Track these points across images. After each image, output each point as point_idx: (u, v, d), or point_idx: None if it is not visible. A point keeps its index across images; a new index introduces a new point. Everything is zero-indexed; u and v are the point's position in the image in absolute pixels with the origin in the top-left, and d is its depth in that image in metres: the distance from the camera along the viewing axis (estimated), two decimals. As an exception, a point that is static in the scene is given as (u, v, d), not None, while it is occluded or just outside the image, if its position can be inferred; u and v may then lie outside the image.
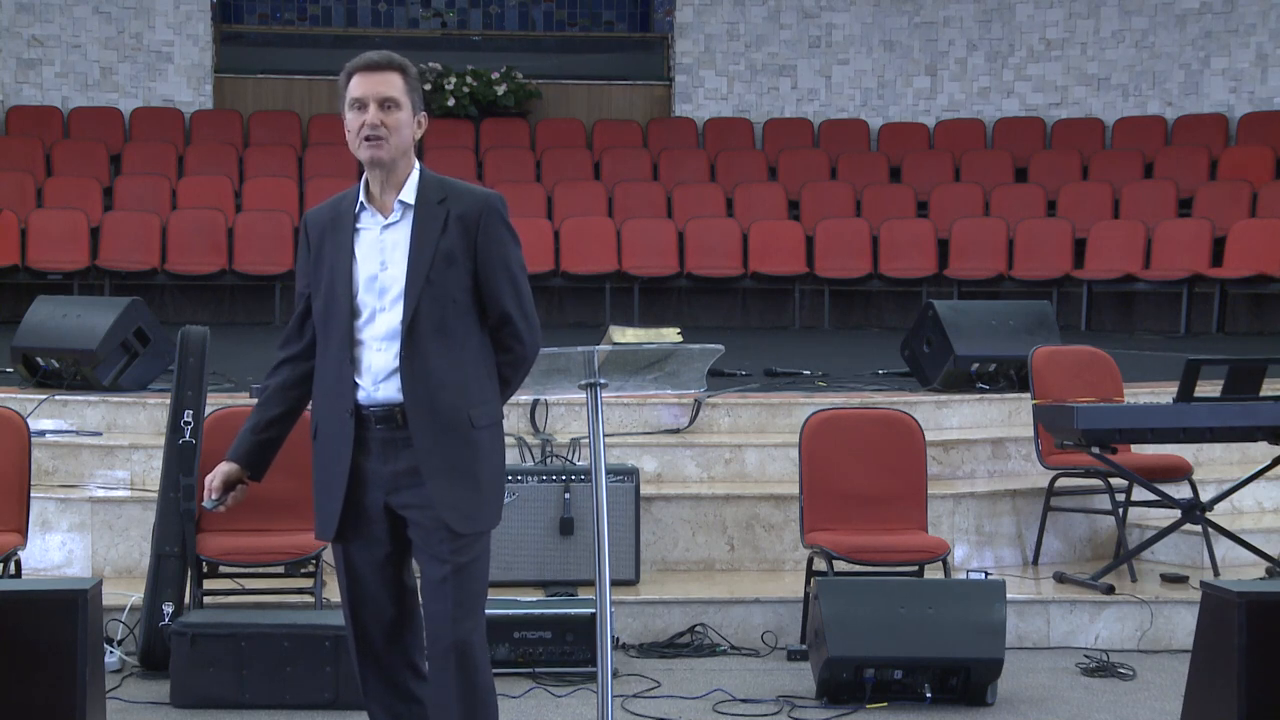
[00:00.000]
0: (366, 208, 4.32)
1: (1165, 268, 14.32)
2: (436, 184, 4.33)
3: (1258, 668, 5.00)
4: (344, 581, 4.41)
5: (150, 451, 7.66)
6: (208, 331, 6.88)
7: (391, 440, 4.24)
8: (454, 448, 4.22)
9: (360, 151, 4.29)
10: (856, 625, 6.22)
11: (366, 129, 4.27)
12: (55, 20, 16.28)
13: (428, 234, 4.24)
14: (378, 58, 4.36)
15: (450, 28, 17.49)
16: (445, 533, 4.21)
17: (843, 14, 16.89)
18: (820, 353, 11.71)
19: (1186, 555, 7.78)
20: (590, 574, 5.11)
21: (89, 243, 14.47)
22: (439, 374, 4.21)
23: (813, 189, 15.80)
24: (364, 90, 4.31)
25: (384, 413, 4.23)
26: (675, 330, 9.15)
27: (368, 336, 4.25)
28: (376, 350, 4.24)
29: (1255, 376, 7.41)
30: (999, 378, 8.92)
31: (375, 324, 4.25)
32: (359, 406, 4.24)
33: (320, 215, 4.40)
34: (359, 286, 4.26)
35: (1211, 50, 16.00)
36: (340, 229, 4.31)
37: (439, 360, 4.21)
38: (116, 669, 6.50)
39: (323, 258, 4.32)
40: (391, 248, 4.27)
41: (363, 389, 4.25)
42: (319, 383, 4.35)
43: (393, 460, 4.24)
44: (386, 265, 4.25)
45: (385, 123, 4.27)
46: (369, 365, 4.25)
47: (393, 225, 4.28)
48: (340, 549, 4.38)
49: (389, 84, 4.31)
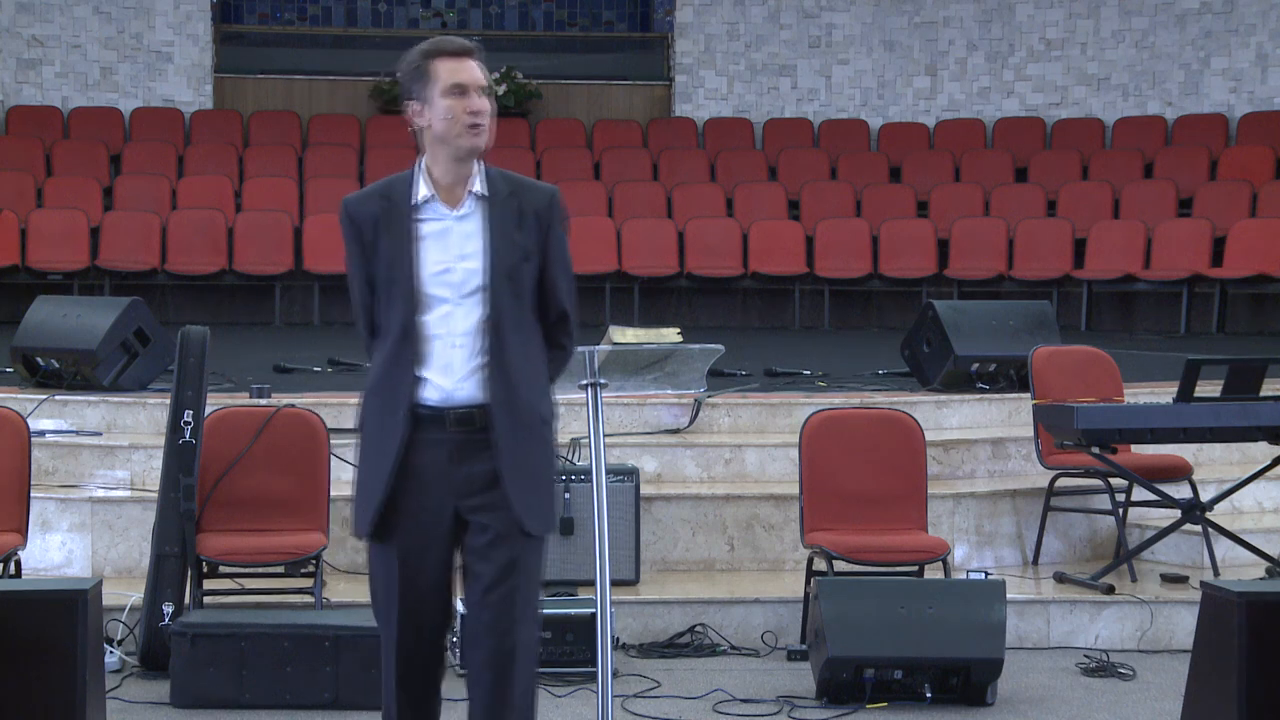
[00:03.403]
0: (434, 198, 4.15)
1: (1165, 268, 14.32)
2: (500, 176, 4.23)
3: (1258, 668, 5.00)
4: (392, 587, 4.15)
5: (150, 451, 7.65)
6: (208, 331, 6.88)
7: (469, 442, 4.09)
8: (530, 447, 4.12)
9: (462, 139, 4.12)
10: (856, 625, 6.21)
11: (471, 116, 4.11)
12: (55, 20, 16.28)
13: (505, 227, 4.14)
14: (466, 44, 4.18)
15: (450, 28, 17.49)
16: (518, 536, 4.09)
17: (843, 14, 16.89)
18: (820, 353, 11.71)
19: (1186, 555, 7.78)
20: (590, 574, 5.11)
21: (89, 243, 14.47)
22: (518, 372, 4.11)
23: (813, 189, 15.80)
24: (465, 76, 4.12)
25: (463, 414, 4.09)
26: (675, 330, 9.16)
27: (443, 332, 4.10)
28: (455, 347, 4.10)
29: (1255, 376, 7.41)
30: (999, 378, 8.92)
31: (452, 319, 4.10)
32: (422, 406, 4.08)
33: (368, 206, 4.20)
34: (427, 280, 4.09)
35: (1211, 50, 16.00)
36: (398, 219, 4.13)
37: (517, 358, 4.11)
38: (116, 669, 6.49)
39: (378, 250, 4.14)
40: (465, 240, 4.13)
41: (436, 387, 4.09)
42: (371, 377, 4.18)
43: (469, 462, 4.10)
44: (463, 258, 4.11)
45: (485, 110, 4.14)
46: (447, 363, 4.10)
47: (465, 217, 4.15)
48: (388, 551, 4.16)
49: (480, 72, 4.17)
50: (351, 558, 7.46)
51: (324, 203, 15.25)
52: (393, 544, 4.14)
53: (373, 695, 6.07)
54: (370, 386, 4.18)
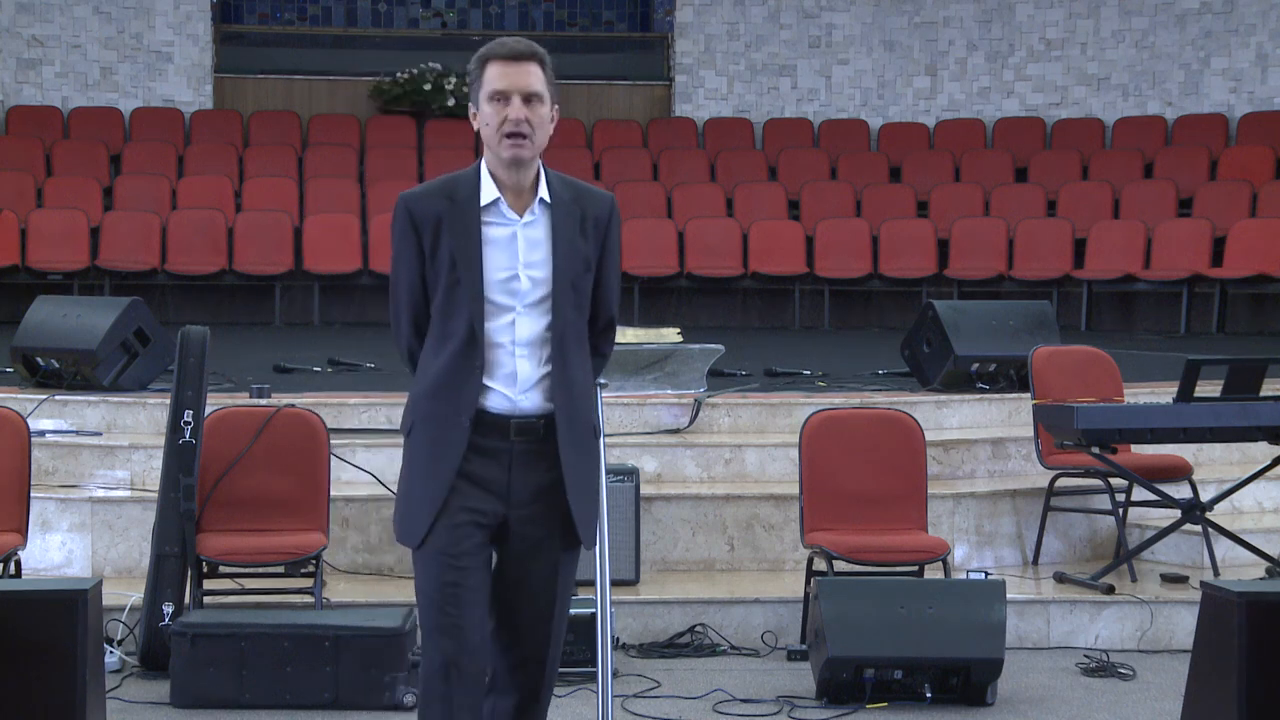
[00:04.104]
0: (500, 201, 4.04)
1: (1165, 268, 14.32)
2: (560, 181, 4.10)
3: (1258, 668, 5.00)
4: (438, 594, 4.02)
5: (150, 451, 7.65)
6: (208, 331, 6.88)
7: (530, 452, 4.03)
8: (586, 458, 4.09)
9: (502, 150, 3.99)
10: (856, 625, 6.21)
11: (510, 125, 3.96)
12: (55, 20, 16.28)
13: (569, 235, 4.04)
14: (519, 46, 4.01)
15: (450, 28, 17.50)
16: (560, 550, 4.09)
17: (843, 14, 16.89)
18: (820, 353, 11.71)
19: (1186, 555, 7.78)
20: (590, 574, 5.09)
21: (89, 243, 14.48)
22: (579, 382, 4.06)
23: (813, 189, 15.80)
24: (508, 82, 3.98)
25: (526, 424, 4.02)
26: (675, 330, 9.15)
27: (506, 340, 4.01)
28: (521, 357, 4.01)
29: (1255, 376, 7.41)
30: (999, 378, 8.92)
31: (517, 327, 4.01)
32: (487, 413, 4.00)
33: (431, 204, 4.04)
34: (493, 286, 3.99)
35: (1211, 50, 16.01)
36: (464, 220, 4.01)
37: (577, 367, 4.06)
38: (116, 669, 6.49)
39: (439, 251, 4.01)
40: (531, 247, 4.03)
41: (501, 396, 4.01)
42: (427, 381, 4.05)
43: (529, 472, 4.03)
44: (529, 266, 4.01)
45: (530, 119, 3.97)
46: (513, 372, 4.01)
47: (531, 224, 4.04)
48: (435, 558, 4.03)
49: (531, 76, 3.99)
50: (351, 558, 7.47)
51: (324, 203, 15.26)
52: (441, 543, 4.01)
53: (373, 695, 6.11)
54: (425, 390, 4.06)
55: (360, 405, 8.13)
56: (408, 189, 4.15)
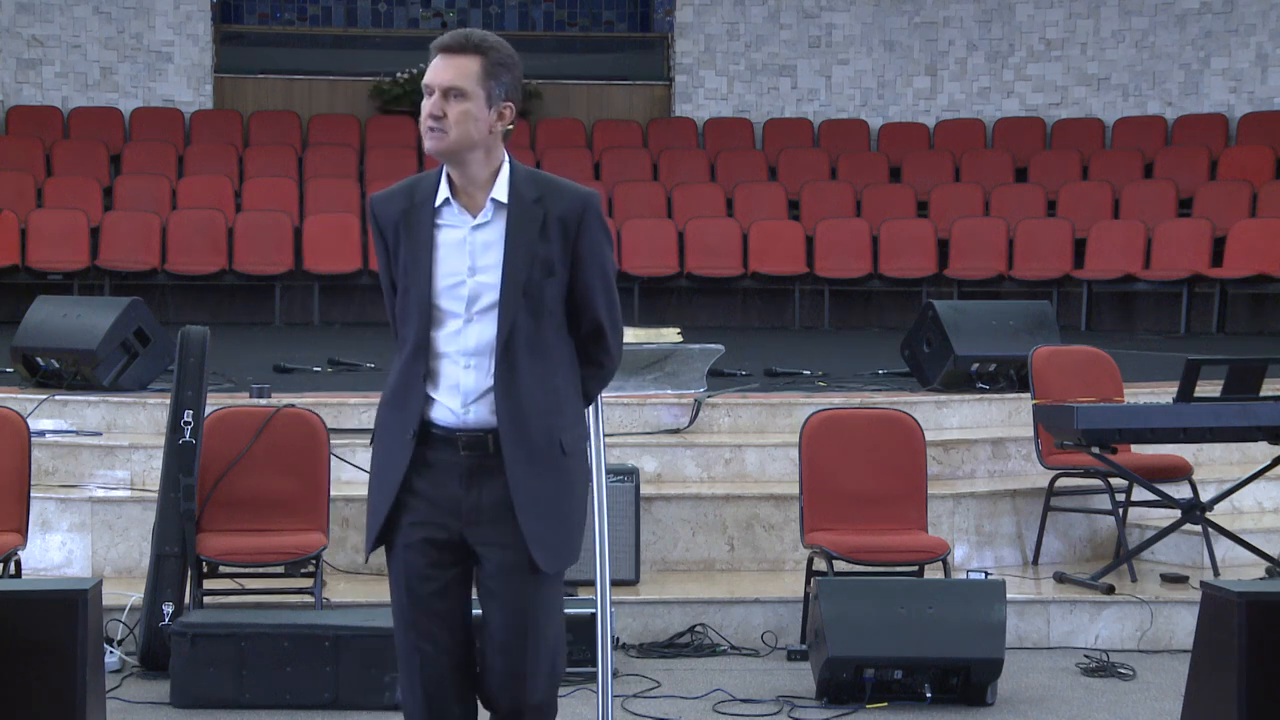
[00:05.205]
0: (452, 203, 3.88)
1: (1165, 268, 14.32)
2: (530, 179, 3.90)
3: (1258, 668, 5.00)
4: (403, 605, 3.94)
5: (150, 451, 7.65)
6: (208, 331, 6.88)
7: (480, 468, 3.85)
8: (545, 478, 3.85)
9: (425, 142, 3.87)
10: (856, 625, 6.21)
11: (423, 119, 3.84)
12: (55, 20, 16.28)
13: (525, 237, 3.83)
14: (453, 40, 3.87)
15: (450, 28, 17.47)
16: (526, 572, 3.85)
17: (843, 14, 16.89)
18: (820, 353, 11.71)
19: (1186, 555, 7.78)
20: (590, 574, 5.08)
21: (89, 243, 14.49)
22: (532, 396, 3.83)
23: (813, 189, 15.80)
24: (430, 76, 3.85)
25: (473, 438, 3.84)
26: (675, 330, 9.15)
27: (452, 350, 3.85)
28: (465, 367, 3.84)
29: (1255, 376, 7.41)
30: (999, 378, 8.92)
31: (463, 336, 3.84)
32: (433, 426, 3.85)
33: (391, 205, 3.93)
34: (440, 292, 3.84)
35: (1211, 50, 16.00)
36: (416, 224, 3.87)
37: (531, 380, 3.83)
38: (116, 669, 6.49)
39: (399, 254, 3.88)
40: (482, 250, 3.85)
41: (446, 409, 3.85)
42: (386, 390, 3.95)
43: (478, 489, 3.85)
44: (475, 271, 3.84)
45: (446, 113, 3.81)
46: (456, 384, 3.85)
47: (483, 225, 3.86)
48: (397, 570, 3.94)
49: (460, 70, 3.82)
50: (351, 558, 7.47)
51: (324, 203, 15.26)
52: (400, 563, 3.92)
53: (373, 695, 6.12)
54: (384, 399, 3.96)
55: (360, 405, 8.13)
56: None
